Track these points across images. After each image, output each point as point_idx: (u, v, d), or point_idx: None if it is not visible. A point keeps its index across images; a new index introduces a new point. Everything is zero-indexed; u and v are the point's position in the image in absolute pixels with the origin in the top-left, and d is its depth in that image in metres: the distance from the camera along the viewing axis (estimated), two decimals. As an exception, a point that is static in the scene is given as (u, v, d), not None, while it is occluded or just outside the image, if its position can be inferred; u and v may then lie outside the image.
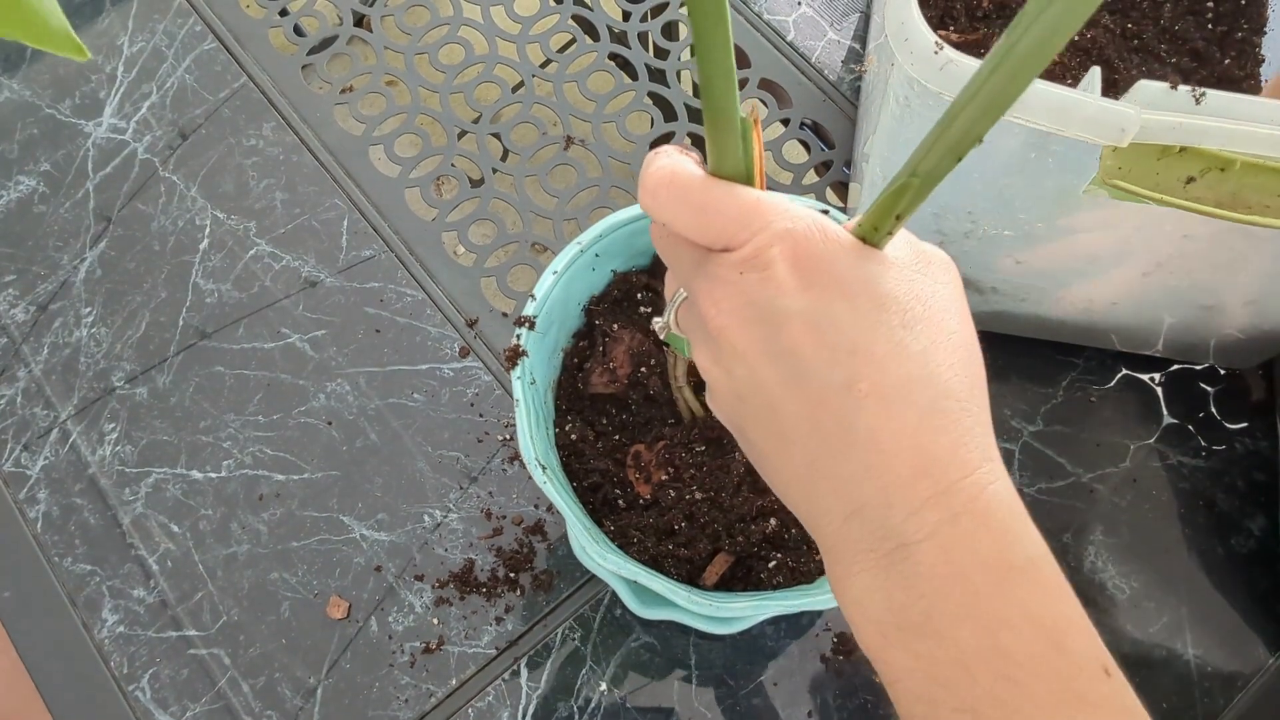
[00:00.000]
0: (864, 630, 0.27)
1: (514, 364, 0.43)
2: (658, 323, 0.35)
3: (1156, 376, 0.59)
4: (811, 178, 0.67)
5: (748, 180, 0.30)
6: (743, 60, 0.70)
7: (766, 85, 0.69)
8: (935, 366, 0.27)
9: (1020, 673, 0.25)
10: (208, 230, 0.65)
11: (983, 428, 0.27)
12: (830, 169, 0.66)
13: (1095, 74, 0.43)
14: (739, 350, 0.28)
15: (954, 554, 0.25)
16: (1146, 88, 0.40)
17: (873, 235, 0.28)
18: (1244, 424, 0.58)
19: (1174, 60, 0.61)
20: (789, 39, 0.70)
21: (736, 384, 0.29)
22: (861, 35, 0.71)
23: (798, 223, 0.28)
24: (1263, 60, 0.60)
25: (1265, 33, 0.60)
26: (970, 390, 0.27)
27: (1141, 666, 0.53)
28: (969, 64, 0.41)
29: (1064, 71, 0.57)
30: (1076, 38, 0.58)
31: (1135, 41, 0.62)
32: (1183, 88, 0.40)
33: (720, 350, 0.29)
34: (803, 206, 0.29)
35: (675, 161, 0.30)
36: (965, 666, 0.25)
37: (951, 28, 0.58)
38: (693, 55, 0.31)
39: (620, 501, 0.45)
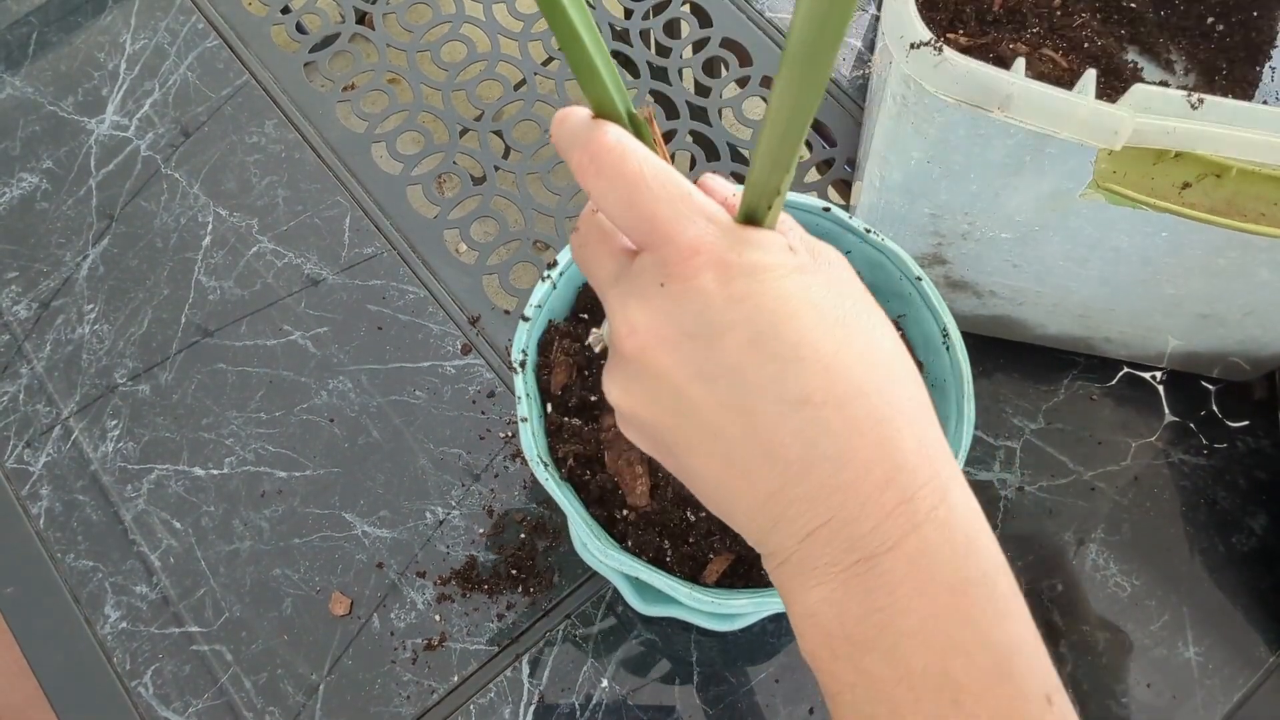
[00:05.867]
0: (812, 640, 0.26)
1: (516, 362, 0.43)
2: (595, 335, 0.33)
3: (1158, 375, 0.59)
4: (813, 175, 0.67)
5: None
6: (744, 58, 0.70)
7: (769, 83, 0.69)
8: (881, 362, 0.25)
9: (966, 698, 0.24)
10: (210, 227, 0.65)
11: (933, 420, 0.26)
12: (832, 167, 0.66)
13: (1090, 76, 0.43)
14: (663, 374, 0.26)
15: (916, 567, 0.24)
16: (1142, 91, 0.39)
17: (762, 216, 0.26)
18: (1245, 422, 0.58)
19: (1185, 69, 0.61)
20: (791, 37, 0.70)
21: (660, 411, 0.27)
22: (869, 37, 0.71)
23: (719, 223, 0.26)
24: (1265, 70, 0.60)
25: (1277, 45, 0.60)
26: (915, 378, 0.26)
27: (1142, 665, 0.53)
28: (964, 63, 0.41)
29: (1072, 78, 0.57)
30: (1085, 44, 0.58)
31: (1140, 46, 0.62)
32: (1179, 92, 0.39)
33: (639, 374, 0.27)
34: (719, 209, 0.26)
35: (626, 135, 0.27)
36: (911, 688, 0.24)
37: (960, 31, 0.58)
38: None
39: (625, 511, 0.45)
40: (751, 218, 0.26)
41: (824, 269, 0.26)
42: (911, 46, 0.42)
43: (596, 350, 0.33)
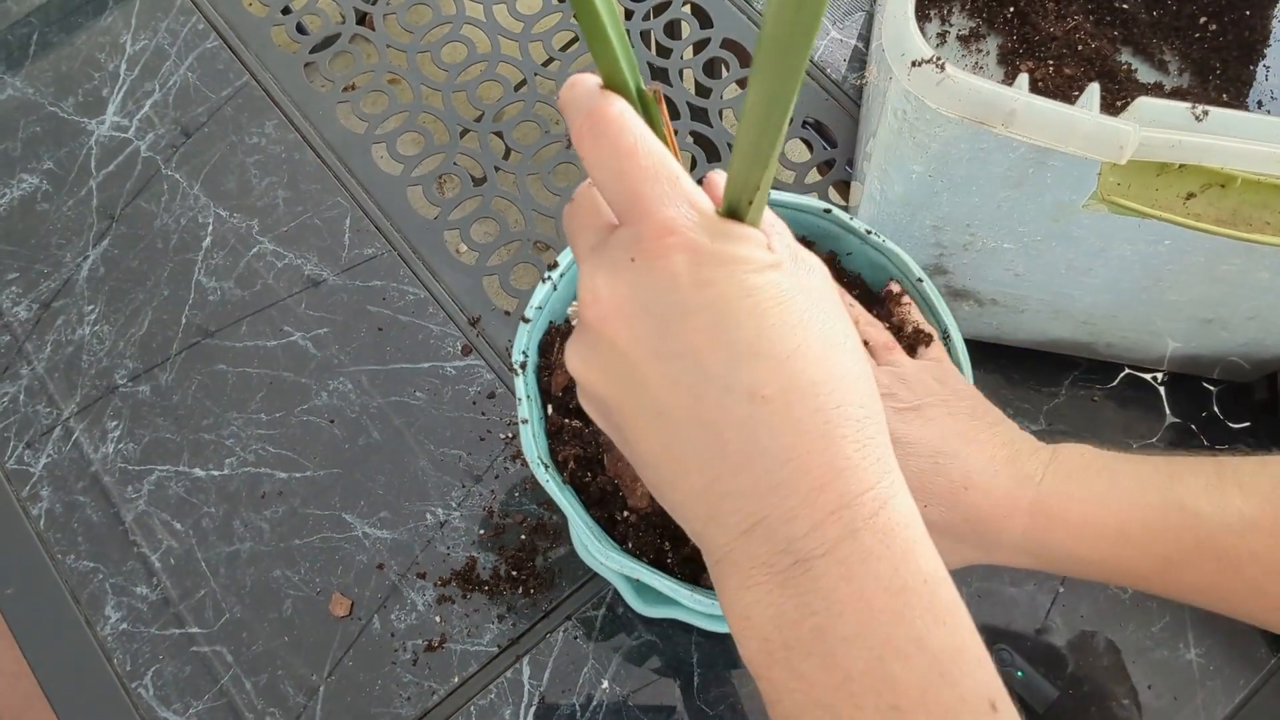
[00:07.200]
0: (749, 646, 0.26)
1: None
2: (572, 307, 0.33)
3: (1159, 376, 0.59)
4: (814, 176, 0.67)
5: None
6: (745, 59, 0.70)
7: (769, 84, 0.69)
8: (837, 369, 0.25)
9: (906, 703, 0.24)
10: (210, 228, 0.65)
11: (883, 435, 0.26)
12: (833, 168, 0.66)
13: (1094, 90, 0.43)
14: (619, 347, 0.26)
15: (852, 572, 0.24)
16: (1146, 104, 0.39)
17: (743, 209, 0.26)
18: (1247, 424, 0.58)
19: (1179, 69, 0.61)
20: (792, 38, 0.70)
21: (612, 384, 0.27)
22: (865, 34, 0.71)
23: (701, 210, 0.26)
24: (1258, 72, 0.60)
25: (1270, 44, 0.60)
26: (871, 394, 0.26)
27: (1144, 666, 0.53)
28: (966, 80, 0.40)
29: (1069, 85, 0.57)
30: (1080, 47, 0.58)
31: (1134, 47, 0.62)
32: (1183, 104, 0.39)
33: (596, 344, 0.27)
34: (704, 198, 0.26)
35: (629, 110, 0.27)
36: (850, 693, 0.24)
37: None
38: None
39: (626, 513, 0.45)
40: (733, 213, 0.26)
41: (800, 274, 0.26)
42: (913, 64, 0.42)
43: (573, 323, 0.33)
